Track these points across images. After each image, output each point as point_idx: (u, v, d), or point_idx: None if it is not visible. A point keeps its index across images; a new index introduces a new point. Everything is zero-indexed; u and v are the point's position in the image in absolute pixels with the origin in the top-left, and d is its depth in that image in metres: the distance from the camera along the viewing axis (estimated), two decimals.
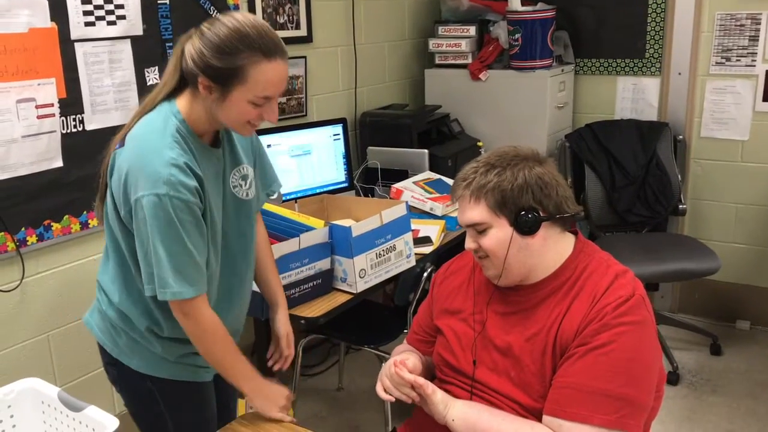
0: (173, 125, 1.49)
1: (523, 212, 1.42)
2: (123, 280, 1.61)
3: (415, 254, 2.54)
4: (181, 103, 1.52)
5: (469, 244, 1.50)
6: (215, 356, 1.59)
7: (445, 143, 3.49)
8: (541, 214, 1.43)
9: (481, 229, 1.46)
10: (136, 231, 1.49)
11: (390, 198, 3.04)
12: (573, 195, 1.49)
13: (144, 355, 1.65)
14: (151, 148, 1.46)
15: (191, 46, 1.46)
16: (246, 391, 1.63)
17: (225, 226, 1.61)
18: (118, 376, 1.71)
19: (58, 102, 2.28)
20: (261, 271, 1.84)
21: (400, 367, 1.51)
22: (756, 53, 3.39)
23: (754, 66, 3.41)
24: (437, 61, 3.84)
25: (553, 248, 1.47)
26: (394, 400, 1.53)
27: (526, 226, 1.42)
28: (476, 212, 1.45)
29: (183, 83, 1.52)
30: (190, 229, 1.47)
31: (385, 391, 1.54)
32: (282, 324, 1.84)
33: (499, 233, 1.44)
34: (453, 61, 3.78)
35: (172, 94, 1.54)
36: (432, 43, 3.81)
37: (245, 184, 1.65)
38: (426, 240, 2.71)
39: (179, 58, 1.50)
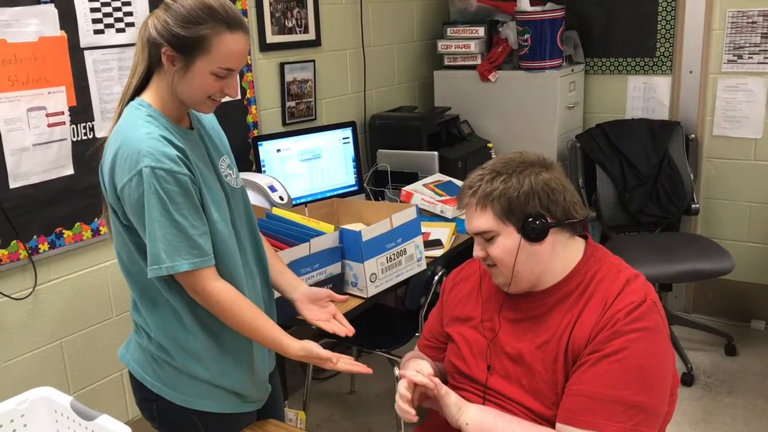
0: (143, 111, 1.50)
1: (530, 219, 1.41)
2: (151, 307, 1.57)
3: (426, 257, 2.53)
4: (147, 93, 1.53)
5: (477, 252, 1.49)
6: (243, 326, 1.54)
7: (454, 145, 3.48)
8: (549, 220, 1.42)
9: (488, 237, 1.45)
10: (135, 221, 1.47)
11: (400, 201, 3.04)
12: (581, 200, 1.48)
13: (188, 387, 1.59)
14: (125, 137, 1.46)
15: (155, 19, 1.47)
16: (288, 353, 1.56)
17: (232, 216, 1.60)
18: (158, 412, 1.64)
19: (69, 110, 2.29)
20: (271, 266, 1.78)
21: (411, 374, 1.49)
22: None
23: (766, 63, 3.37)
24: (446, 63, 3.83)
25: (562, 254, 1.46)
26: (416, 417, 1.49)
27: (533, 233, 1.41)
28: (483, 220, 1.44)
29: (149, 75, 1.53)
30: (179, 200, 1.44)
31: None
32: (313, 287, 1.77)
33: (507, 241, 1.43)
34: (462, 63, 3.77)
35: (140, 90, 1.54)
36: (441, 45, 3.80)
37: (233, 173, 1.66)
38: (437, 243, 2.70)
39: (144, 35, 1.49)
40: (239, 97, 1.59)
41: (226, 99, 1.59)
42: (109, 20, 2.37)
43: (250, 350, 1.64)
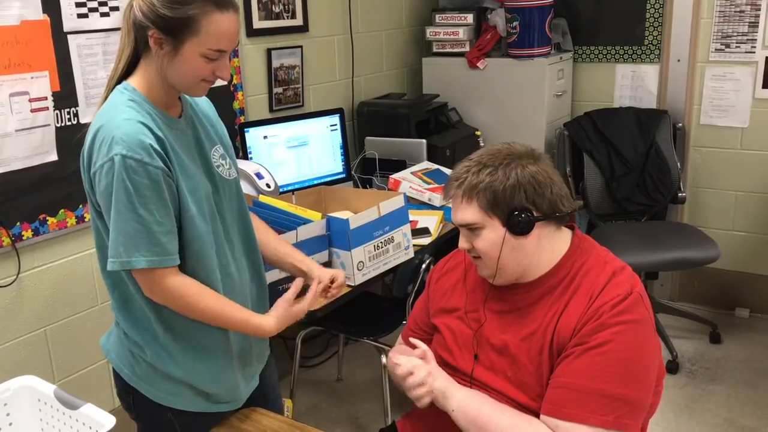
0: (126, 95, 1.45)
1: (515, 213, 1.40)
2: (122, 303, 1.54)
3: (414, 246, 2.52)
4: (134, 78, 1.48)
5: (463, 244, 1.49)
6: (211, 317, 1.49)
7: (443, 133, 3.47)
8: (535, 213, 1.41)
9: (473, 229, 1.44)
10: (103, 208, 1.43)
11: (388, 189, 3.03)
12: (569, 192, 1.47)
13: (162, 383, 1.56)
14: (106, 119, 1.42)
15: (140, 0, 1.41)
16: (266, 331, 1.55)
17: (220, 208, 1.56)
18: (134, 404, 1.61)
19: (52, 95, 2.26)
20: (277, 251, 1.75)
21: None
22: (756, 40, 3.37)
23: (754, 53, 3.38)
24: (435, 50, 3.82)
25: (548, 247, 1.45)
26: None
27: (518, 227, 1.40)
28: (468, 213, 1.43)
29: (136, 59, 1.48)
30: (147, 193, 1.38)
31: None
32: (326, 268, 1.72)
33: (492, 234, 1.42)
34: (451, 50, 3.75)
35: (126, 74, 1.49)
36: (429, 32, 3.78)
37: (225, 164, 1.60)
38: (424, 231, 2.70)
39: (129, 18, 1.44)
40: (229, 80, 1.55)
41: (217, 83, 1.54)
42: (93, 4, 2.34)
43: (225, 349, 1.59)
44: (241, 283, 1.61)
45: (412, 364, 1.47)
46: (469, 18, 3.70)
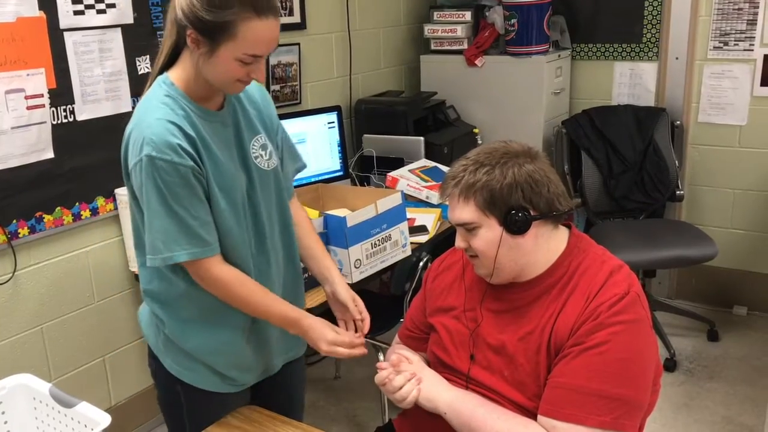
0: (163, 90, 1.48)
1: (512, 212, 1.39)
2: (150, 278, 1.60)
3: (411, 243, 2.52)
4: (174, 70, 1.50)
5: (459, 243, 1.48)
6: (248, 308, 1.56)
7: (441, 130, 3.46)
8: (532, 212, 1.40)
9: (470, 228, 1.44)
10: (139, 201, 1.48)
11: (386, 186, 3.02)
12: (566, 191, 1.46)
13: (177, 356, 1.62)
14: (140, 117, 1.46)
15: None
16: (301, 328, 1.59)
17: (254, 199, 1.58)
18: (154, 371, 1.69)
19: (48, 92, 2.25)
20: (308, 251, 1.76)
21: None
22: (754, 37, 3.36)
23: (752, 50, 3.38)
24: (433, 47, 3.81)
25: (545, 246, 1.44)
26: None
27: (515, 226, 1.39)
28: (465, 212, 1.42)
29: (178, 51, 1.50)
30: (179, 191, 1.42)
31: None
32: (343, 289, 1.70)
33: (489, 233, 1.42)
34: (449, 47, 3.74)
35: (168, 65, 1.52)
36: (427, 29, 3.77)
37: (265, 155, 1.60)
38: (422, 229, 2.69)
39: (171, 13, 1.45)
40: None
41: None
42: (90, 1, 2.33)
43: (241, 335, 1.62)
44: (277, 271, 1.65)
45: (395, 371, 1.50)
46: (467, 15, 3.69)
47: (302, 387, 1.93)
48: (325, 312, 1.79)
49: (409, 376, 1.50)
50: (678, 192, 3.52)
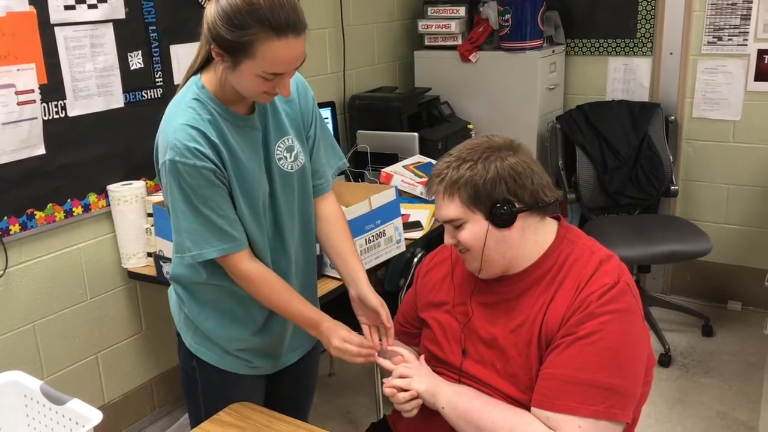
0: (192, 93, 1.51)
1: (497, 205, 1.39)
2: (177, 261, 1.66)
3: (406, 239, 2.51)
4: (207, 73, 1.53)
5: (448, 240, 1.48)
6: (270, 304, 1.61)
7: (435, 126, 3.46)
8: (517, 205, 1.40)
9: (457, 225, 1.44)
10: (164, 197, 1.55)
11: (380, 182, 3.01)
12: (550, 181, 1.46)
13: (196, 333, 1.70)
14: (168, 118, 1.51)
15: (209, 11, 1.42)
16: (319, 330, 1.62)
17: (274, 201, 1.61)
18: (177, 348, 1.77)
19: (39, 88, 2.24)
20: (336, 250, 1.74)
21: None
22: (748, 32, 3.36)
23: (746, 45, 3.38)
24: (427, 43, 3.80)
25: (532, 238, 1.44)
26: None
27: (501, 220, 1.40)
28: (451, 208, 1.43)
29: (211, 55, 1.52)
30: (205, 192, 1.47)
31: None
32: (372, 294, 1.67)
33: (475, 227, 1.41)
34: (443, 43, 3.73)
35: (203, 66, 1.54)
36: (421, 25, 3.76)
37: (290, 156, 1.62)
38: (416, 225, 2.68)
39: (204, 23, 1.47)
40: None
41: None
42: None
43: (260, 317, 1.67)
44: (296, 272, 1.71)
45: (399, 379, 1.49)
46: (461, 11, 3.68)
47: (315, 379, 1.99)
48: (327, 307, 1.79)
49: (412, 396, 1.48)
50: (672, 187, 3.52)
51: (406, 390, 1.47)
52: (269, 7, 1.36)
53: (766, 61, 3.35)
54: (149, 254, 2.47)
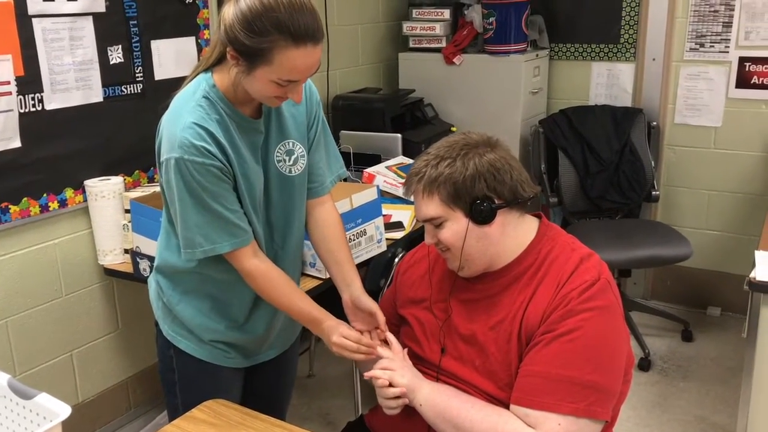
0: (202, 90, 1.50)
1: (477, 202, 1.38)
2: (163, 248, 1.68)
3: (387, 239, 2.50)
4: (220, 72, 1.52)
5: (428, 239, 1.47)
6: (272, 301, 1.61)
7: (418, 128, 3.45)
8: (497, 201, 1.39)
9: (437, 223, 1.43)
10: (164, 192, 1.56)
11: (362, 183, 2.99)
12: (528, 177, 1.45)
13: (173, 322, 1.70)
14: (176, 113, 1.49)
15: (227, 13, 1.41)
16: (320, 327, 1.61)
17: (267, 201, 1.62)
18: (156, 336, 1.77)
19: (16, 80, 2.20)
20: (332, 255, 1.73)
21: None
22: (729, 39, 3.38)
23: (728, 52, 3.40)
24: (411, 45, 3.79)
25: (512, 234, 1.43)
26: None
27: (480, 216, 1.39)
28: (431, 207, 1.42)
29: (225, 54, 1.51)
30: (213, 188, 1.48)
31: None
32: (367, 298, 1.65)
33: (455, 225, 1.40)
34: (427, 45, 3.73)
35: (216, 63, 1.53)
36: (406, 26, 3.75)
37: (289, 160, 1.63)
38: (398, 225, 2.67)
39: (221, 24, 1.46)
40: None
41: None
42: None
43: (240, 315, 1.68)
44: (286, 270, 1.68)
45: (381, 370, 1.49)
46: (446, 13, 3.68)
47: (293, 375, 1.99)
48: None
49: (402, 393, 1.46)
50: (654, 192, 3.53)
51: (393, 386, 1.45)
52: (289, 13, 1.35)
53: (747, 69, 3.37)
54: (126, 251, 2.44)
